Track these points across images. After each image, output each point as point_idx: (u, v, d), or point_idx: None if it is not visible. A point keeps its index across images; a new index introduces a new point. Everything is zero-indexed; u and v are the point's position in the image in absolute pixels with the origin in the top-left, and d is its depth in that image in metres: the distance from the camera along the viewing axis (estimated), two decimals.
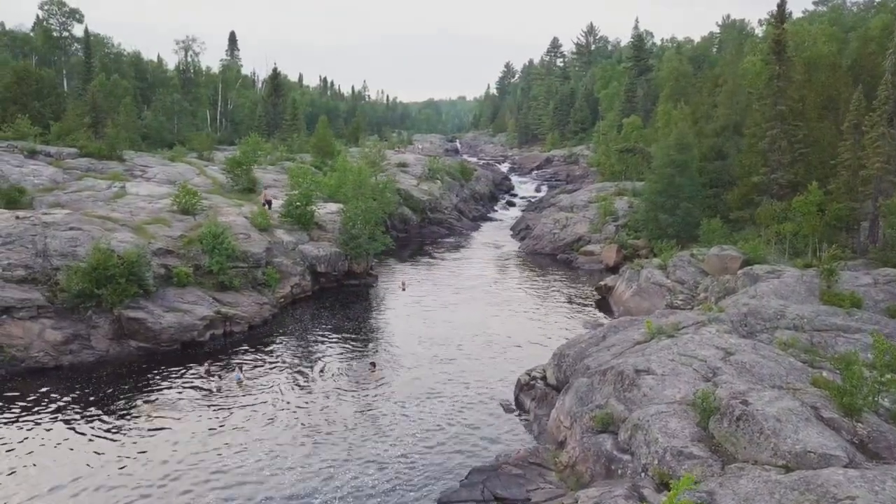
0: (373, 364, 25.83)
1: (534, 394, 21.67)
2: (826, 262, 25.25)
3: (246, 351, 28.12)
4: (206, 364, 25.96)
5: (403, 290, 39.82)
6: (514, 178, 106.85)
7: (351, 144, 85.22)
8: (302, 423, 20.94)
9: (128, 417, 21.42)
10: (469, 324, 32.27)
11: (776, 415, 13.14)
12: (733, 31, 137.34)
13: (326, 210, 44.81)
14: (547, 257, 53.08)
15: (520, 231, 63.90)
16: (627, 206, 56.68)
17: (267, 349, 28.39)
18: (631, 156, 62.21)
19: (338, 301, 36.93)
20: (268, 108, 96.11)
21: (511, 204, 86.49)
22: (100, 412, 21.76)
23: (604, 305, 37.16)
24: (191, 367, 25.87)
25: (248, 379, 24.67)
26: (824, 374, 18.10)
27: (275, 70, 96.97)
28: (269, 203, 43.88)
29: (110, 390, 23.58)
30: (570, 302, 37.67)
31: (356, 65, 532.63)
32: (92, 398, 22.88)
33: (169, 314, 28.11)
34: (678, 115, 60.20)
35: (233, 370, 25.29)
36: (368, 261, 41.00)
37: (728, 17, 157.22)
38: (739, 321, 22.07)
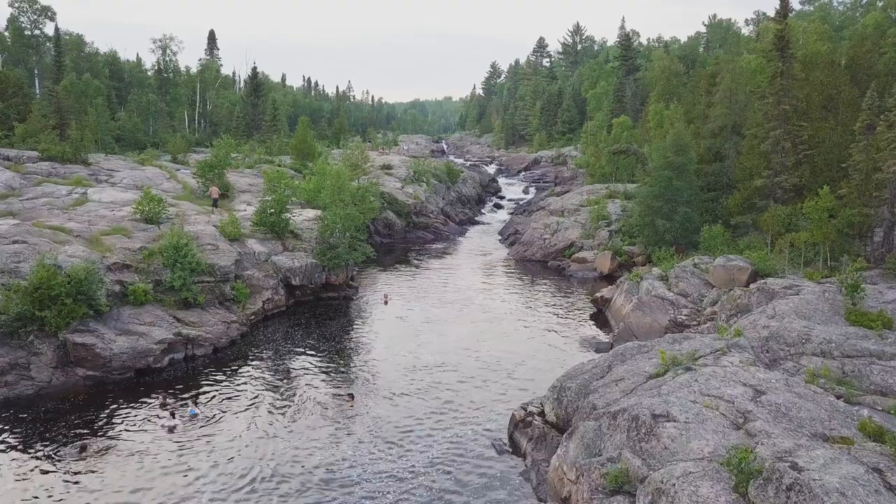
0: (350, 395, 23.09)
1: (531, 433, 19.03)
2: (849, 277, 22.85)
3: (207, 378, 25.26)
4: (161, 395, 23.13)
5: (386, 303, 37.10)
6: (502, 180, 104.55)
7: (333, 146, 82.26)
8: (263, 474, 18.12)
9: (65, 461, 18.54)
10: (456, 343, 29.60)
11: (839, 486, 10.59)
12: (720, 30, 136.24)
13: (303, 217, 42.04)
14: (537, 264, 50.59)
15: (508, 236, 61.40)
16: (620, 210, 54.32)
17: (231, 376, 25.55)
18: (624, 157, 59.76)
19: (314, 317, 34.14)
20: (247, 108, 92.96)
21: (499, 206, 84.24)
22: (34, 455, 18.85)
23: (601, 319, 34.65)
24: (144, 399, 23.00)
25: (206, 414, 21.84)
26: (866, 413, 15.67)
27: (254, 69, 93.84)
28: (215, 202, 41.10)
29: (48, 429, 20.66)
30: (564, 316, 35.10)
31: (344, 66, 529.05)
32: (26, 438, 19.95)
33: (122, 338, 25.19)
34: (672, 115, 57.94)
35: (188, 404, 22.45)
36: (348, 272, 38.24)
37: (714, 16, 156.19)
38: (761, 347, 19.60)
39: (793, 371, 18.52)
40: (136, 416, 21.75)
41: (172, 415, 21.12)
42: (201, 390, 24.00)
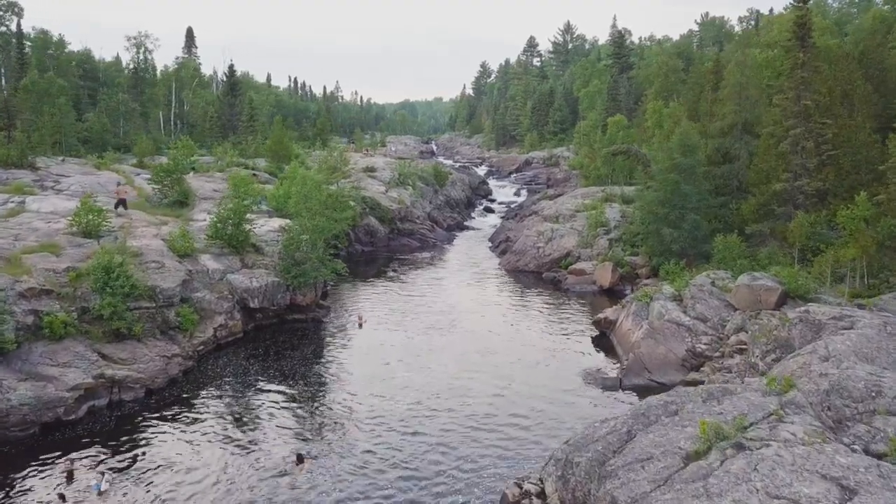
0: (299, 457, 18.59)
1: None
2: None
3: (131, 434, 20.65)
4: (68, 459, 18.58)
5: (360, 326, 32.64)
6: (492, 182, 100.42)
7: (315, 147, 77.70)
8: None
9: None
10: (439, 382, 25.01)
11: None
12: (713, 28, 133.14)
13: (269, 227, 37.50)
14: (531, 276, 46.29)
15: (499, 243, 57.08)
16: (620, 216, 50.12)
17: (160, 430, 20.97)
18: (624, 159, 55.52)
19: (275, 345, 29.59)
20: (223, 108, 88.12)
21: (489, 210, 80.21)
22: None
23: (605, 345, 30.30)
24: (44, 466, 18.43)
25: (116, 489, 17.28)
26: None
27: (231, 67, 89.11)
28: (123, 202, 36.56)
29: None
30: (563, 342, 30.68)
31: (336, 67, 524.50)
32: None
33: (25, 385, 20.58)
34: (675, 113, 53.87)
35: (98, 475, 17.85)
36: (317, 290, 33.72)
37: (707, 14, 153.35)
38: (820, 403, 15.29)
39: (866, 438, 14.22)
40: (27, 490, 17.19)
41: (62, 497, 16.47)
42: (119, 451, 19.44)
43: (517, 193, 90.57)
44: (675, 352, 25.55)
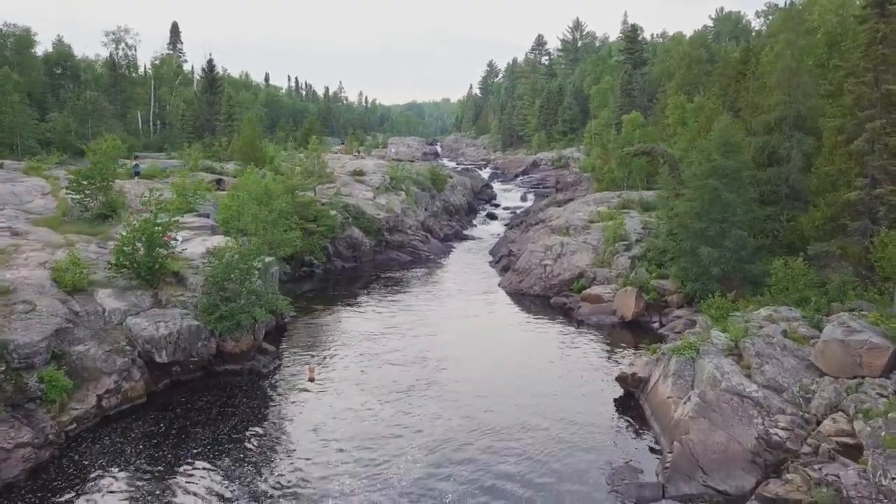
0: None
1: None
2: None
3: None
4: None
5: (311, 380, 24.91)
6: (497, 186, 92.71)
7: (289, 147, 70.35)
8: None
9: None
10: (398, 492, 17.22)
11: None
12: (729, 23, 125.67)
13: (207, 247, 29.77)
14: (536, 301, 38.62)
15: (500, 258, 49.40)
16: (642, 228, 42.26)
17: None
18: (648, 160, 47.62)
19: (187, 414, 21.71)
20: (202, 107, 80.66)
21: (492, 217, 72.85)
22: None
23: (633, 412, 22.35)
24: None
25: None
26: None
27: (210, 62, 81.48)
28: None
29: None
30: (578, 409, 22.56)
31: (341, 69, 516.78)
32: None
33: None
34: (707, 106, 45.94)
35: None
36: (256, 332, 25.97)
37: (721, 9, 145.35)
38: None
39: None
40: None
41: None
42: None
43: (524, 198, 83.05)
44: (741, 440, 17.63)
